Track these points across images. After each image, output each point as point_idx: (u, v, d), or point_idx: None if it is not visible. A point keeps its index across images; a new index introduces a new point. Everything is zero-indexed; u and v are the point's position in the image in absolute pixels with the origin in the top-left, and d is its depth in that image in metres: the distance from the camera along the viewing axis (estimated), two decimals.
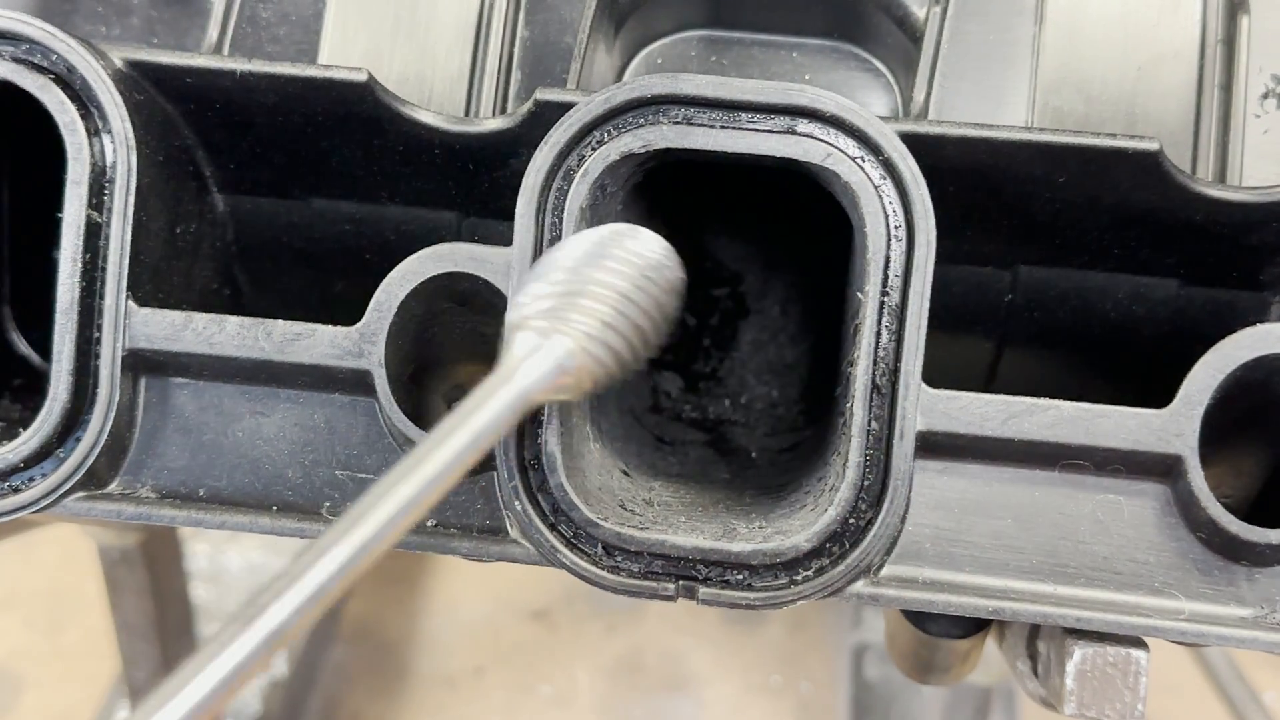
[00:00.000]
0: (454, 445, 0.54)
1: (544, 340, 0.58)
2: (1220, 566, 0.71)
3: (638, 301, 0.60)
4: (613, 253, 0.61)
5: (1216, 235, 0.77)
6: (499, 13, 0.87)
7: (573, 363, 0.58)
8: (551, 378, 0.58)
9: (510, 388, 0.57)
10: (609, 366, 0.60)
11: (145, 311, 0.73)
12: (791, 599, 0.69)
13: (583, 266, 0.60)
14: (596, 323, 0.59)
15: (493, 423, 0.56)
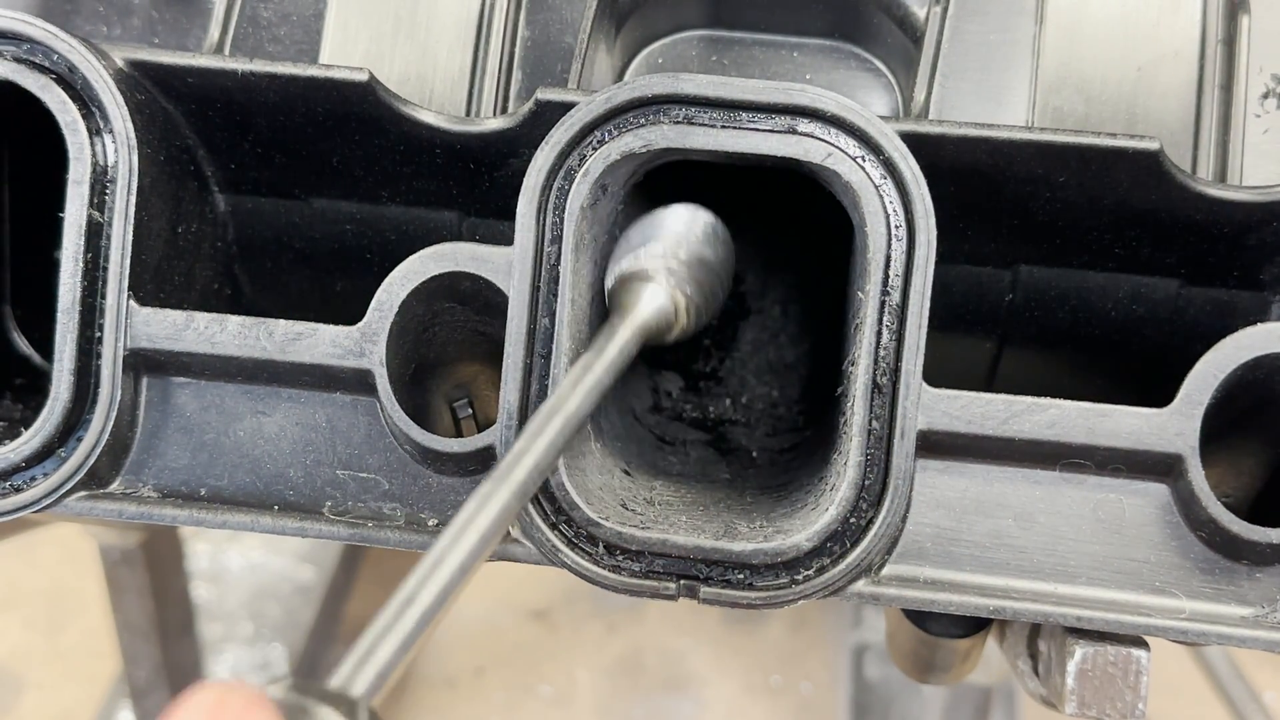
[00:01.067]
0: (600, 366, 0.64)
1: (647, 284, 0.69)
2: (1221, 566, 0.71)
3: (708, 258, 0.71)
4: (697, 223, 0.72)
5: (1217, 235, 0.77)
6: (500, 12, 0.87)
7: (671, 299, 0.69)
8: (660, 311, 0.69)
9: (633, 318, 0.68)
10: (696, 304, 0.71)
11: (146, 311, 0.73)
12: (792, 598, 0.69)
13: (674, 232, 0.71)
14: (681, 273, 0.70)
15: (624, 348, 0.66)
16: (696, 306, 0.71)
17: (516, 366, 0.70)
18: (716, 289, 0.72)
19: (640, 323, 0.68)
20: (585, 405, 0.62)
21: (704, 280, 0.71)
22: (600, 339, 0.67)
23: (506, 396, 0.70)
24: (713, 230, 0.72)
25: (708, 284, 0.71)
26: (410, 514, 0.75)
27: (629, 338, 0.67)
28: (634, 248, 0.71)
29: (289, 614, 2.23)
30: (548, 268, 0.70)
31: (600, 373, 0.64)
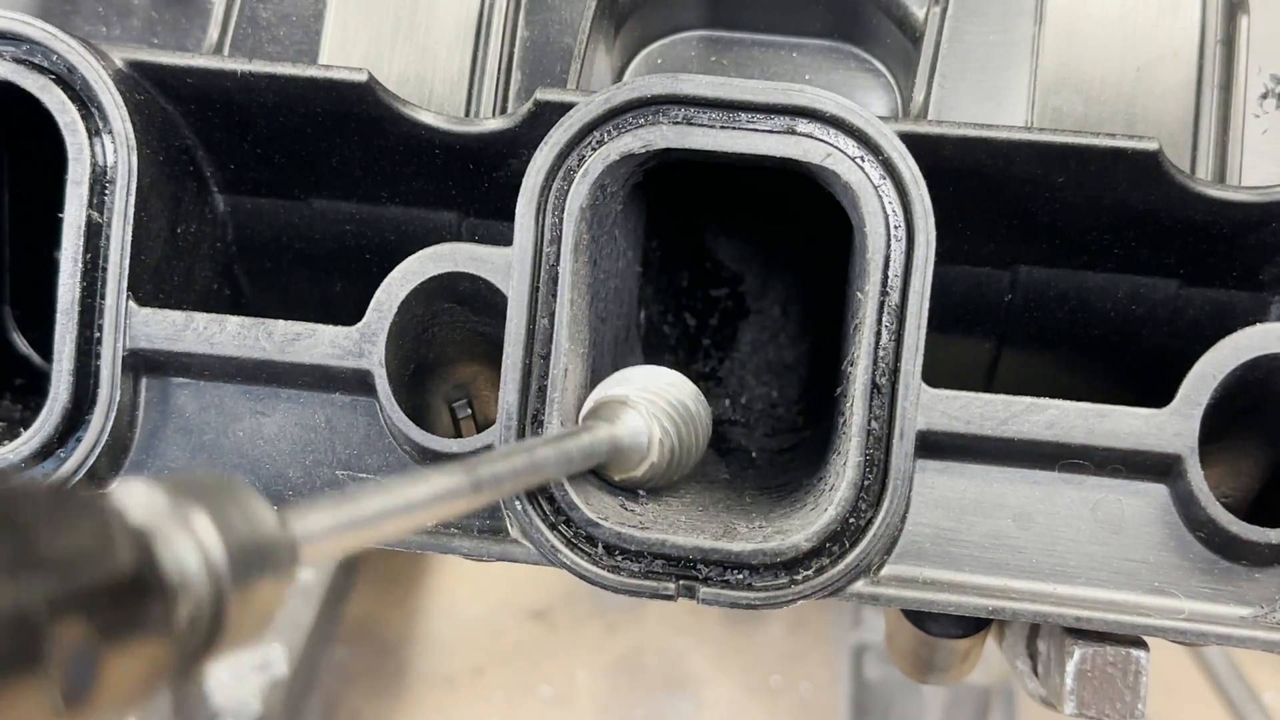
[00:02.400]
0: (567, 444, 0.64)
1: (628, 409, 0.70)
2: (1220, 566, 0.71)
3: (690, 410, 0.72)
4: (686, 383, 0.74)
5: (1216, 235, 0.77)
6: (499, 13, 0.87)
7: (649, 430, 0.70)
8: (635, 434, 0.69)
9: (611, 427, 0.68)
10: (672, 445, 0.71)
11: (146, 311, 0.73)
12: (792, 598, 0.69)
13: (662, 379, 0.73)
14: (664, 411, 0.71)
15: (595, 444, 0.66)
16: (672, 448, 0.70)
17: (516, 366, 0.70)
18: (692, 445, 0.72)
19: (615, 434, 0.68)
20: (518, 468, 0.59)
21: (683, 429, 0.71)
22: (575, 429, 0.67)
23: (506, 397, 0.70)
24: (697, 395, 0.73)
25: (686, 434, 0.71)
26: None
27: (603, 439, 0.67)
28: (620, 382, 0.71)
29: (289, 614, 2.22)
30: (547, 268, 0.70)
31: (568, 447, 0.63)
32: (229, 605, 0.37)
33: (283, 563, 0.41)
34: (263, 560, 0.39)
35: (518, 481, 0.58)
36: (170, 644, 0.36)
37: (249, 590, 0.38)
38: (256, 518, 0.40)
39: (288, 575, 0.41)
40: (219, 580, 0.37)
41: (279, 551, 0.41)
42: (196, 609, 0.37)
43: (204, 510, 0.38)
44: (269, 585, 0.40)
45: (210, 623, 0.37)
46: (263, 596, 0.39)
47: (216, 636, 0.37)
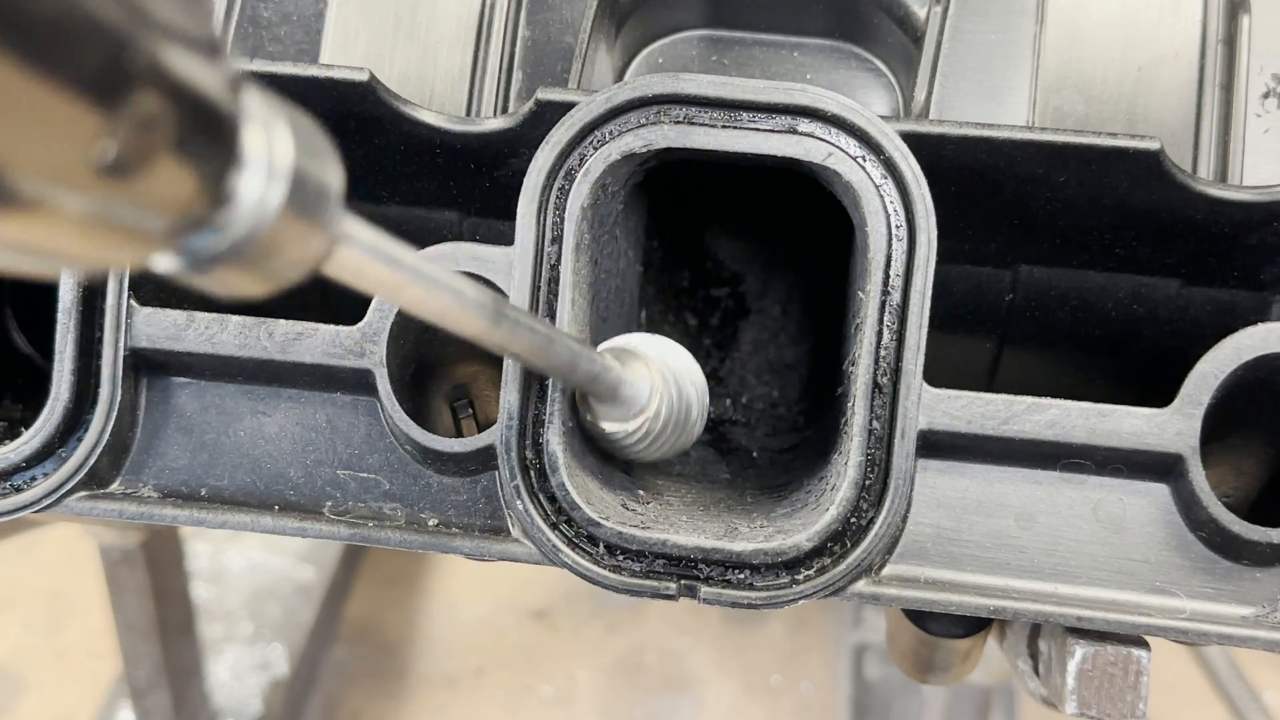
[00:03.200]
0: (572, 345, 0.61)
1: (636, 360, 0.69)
2: (1221, 565, 0.71)
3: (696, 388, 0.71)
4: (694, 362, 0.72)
5: (1217, 235, 0.77)
6: (500, 13, 0.87)
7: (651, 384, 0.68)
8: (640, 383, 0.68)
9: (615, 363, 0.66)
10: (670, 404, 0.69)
11: (147, 311, 0.73)
12: (793, 598, 0.69)
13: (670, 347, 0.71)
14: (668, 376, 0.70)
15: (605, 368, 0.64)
16: (670, 410, 0.69)
17: (517, 366, 0.70)
18: (684, 418, 0.71)
19: (621, 376, 0.66)
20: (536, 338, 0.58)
21: (679, 398, 0.70)
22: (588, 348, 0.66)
23: (507, 397, 0.70)
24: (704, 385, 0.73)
25: (680, 403, 0.70)
26: (410, 514, 0.75)
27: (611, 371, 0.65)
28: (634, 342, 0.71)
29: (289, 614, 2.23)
30: (548, 268, 0.70)
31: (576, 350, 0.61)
32: (267, 219, 0.37)
33: (325, 225, 0.40)
34: (315, 203, 0.39)
35: (531, 341, 0.56)
36: (210, 204, 0.36)
37: (291, 221, 0.38)
38: (329, 167, 0.41)
39: (320, 242, 0.40)
40: (275, 183, 0.37)
41: (329, 211, 0.40)
42: (243, 194, 0.37)
43: (294, 128, 0.39)
44: (305, 231, 0.39)
45: (241, 237, 0.37)
46: (294, 240, 0.39)
47: (247, 249, 0.37)
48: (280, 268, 0.39)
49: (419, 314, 0.49)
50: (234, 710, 2.07)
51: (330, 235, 0.41)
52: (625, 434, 0.69)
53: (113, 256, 0.35)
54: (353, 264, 0.43)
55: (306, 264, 0.40)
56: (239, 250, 0.37)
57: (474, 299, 0.50)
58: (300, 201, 0.38)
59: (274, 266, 0.39)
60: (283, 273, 0.39)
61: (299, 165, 0.38)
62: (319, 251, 0.40)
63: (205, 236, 0.36)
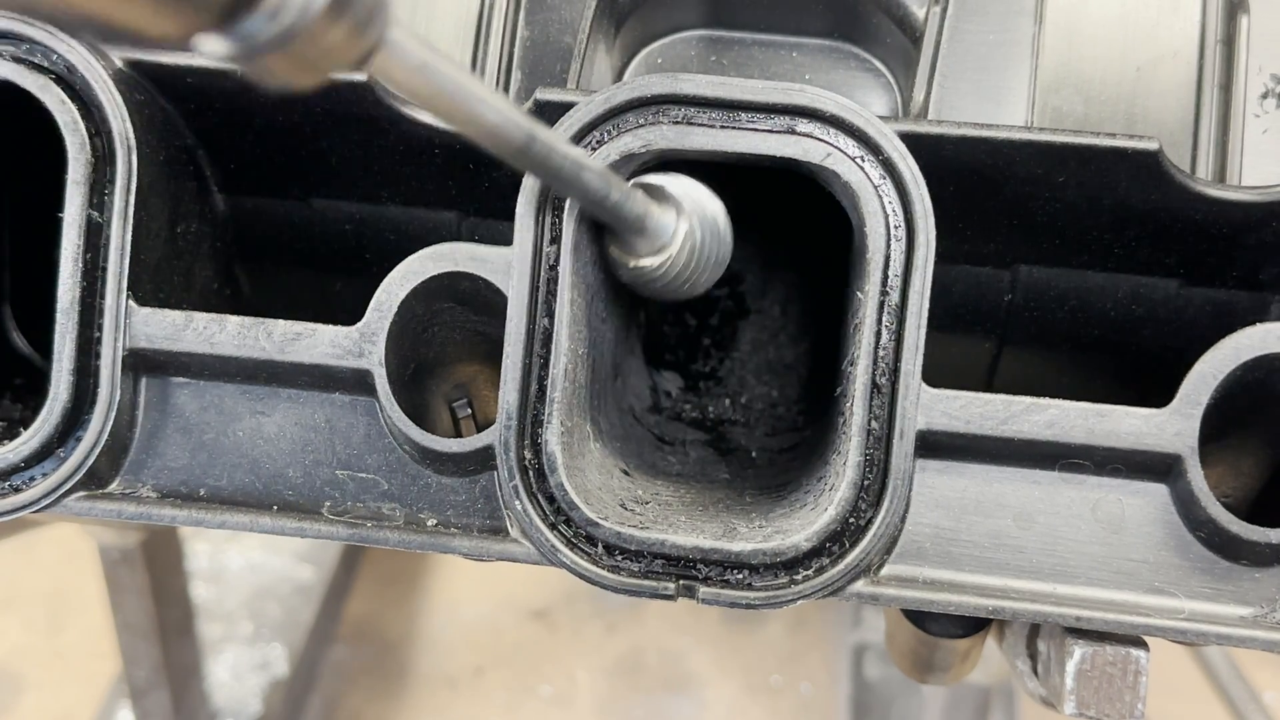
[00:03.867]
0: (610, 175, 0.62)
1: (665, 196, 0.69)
2: (1220, 566, 0.71)
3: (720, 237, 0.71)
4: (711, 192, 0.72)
5: (1216, 235, 0.77)
6: (499, 12, 0.87)
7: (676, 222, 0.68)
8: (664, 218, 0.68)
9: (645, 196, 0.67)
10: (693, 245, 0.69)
11: (146, 311, 0.73)
12: (792, 598, 0.69)
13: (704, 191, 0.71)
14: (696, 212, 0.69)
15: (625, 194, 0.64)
16: (693, 249, 0.69)
17: (516, 366, 0.70)
18: (710, 260, 0.71)
19: (649, 210, 0.66)
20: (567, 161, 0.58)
21: (708, 240, 0.70)
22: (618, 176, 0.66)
23: (506, 397, 0.70)
24: (728, 222, 0.72)
25: (709, 246, 0.70)
26: (409, 514, 0.75)
27: (638, 203, 0.65)
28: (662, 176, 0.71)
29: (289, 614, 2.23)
30: (547, 268, 0.70)
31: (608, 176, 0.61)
32: (317, 13, 0.37)
33: (372, 24, 0.40)
34: (359, 6, 0.39)
35: (562, 165, 0.57)
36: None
37: (333, 21, 0.38)
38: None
39: (366, 41, 0.40)
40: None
41: (377, 11, 0.40)
42: None
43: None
44: (348, 30, 0.39)
45: (290, 23, 0.37)
46: (337, 35, 0.39)
47: (296, 36, 0.37)
48: (326, 59, 0.39)
49: (456, 125, 0.50)
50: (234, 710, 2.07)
51: (375, 34, 0.41)
52: (649, 269, 0.69)
53: (171, 26, 0.35)
54: (397, 66, 0.44)
55: (351, 58, 0.40)
56: (288, 37, 0.37)
57: (510, 118, 0.51)
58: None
59: (320, 57, 0.39)
60: (328, 64, 0.40)
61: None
62: (364, 48, 0.41)
63: (257, 20, 0.37)
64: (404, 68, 0.44)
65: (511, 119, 0.51)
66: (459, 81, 0.47)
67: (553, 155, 0.55)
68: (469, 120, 0.49)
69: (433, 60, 0.46)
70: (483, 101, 0.49)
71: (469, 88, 0.48)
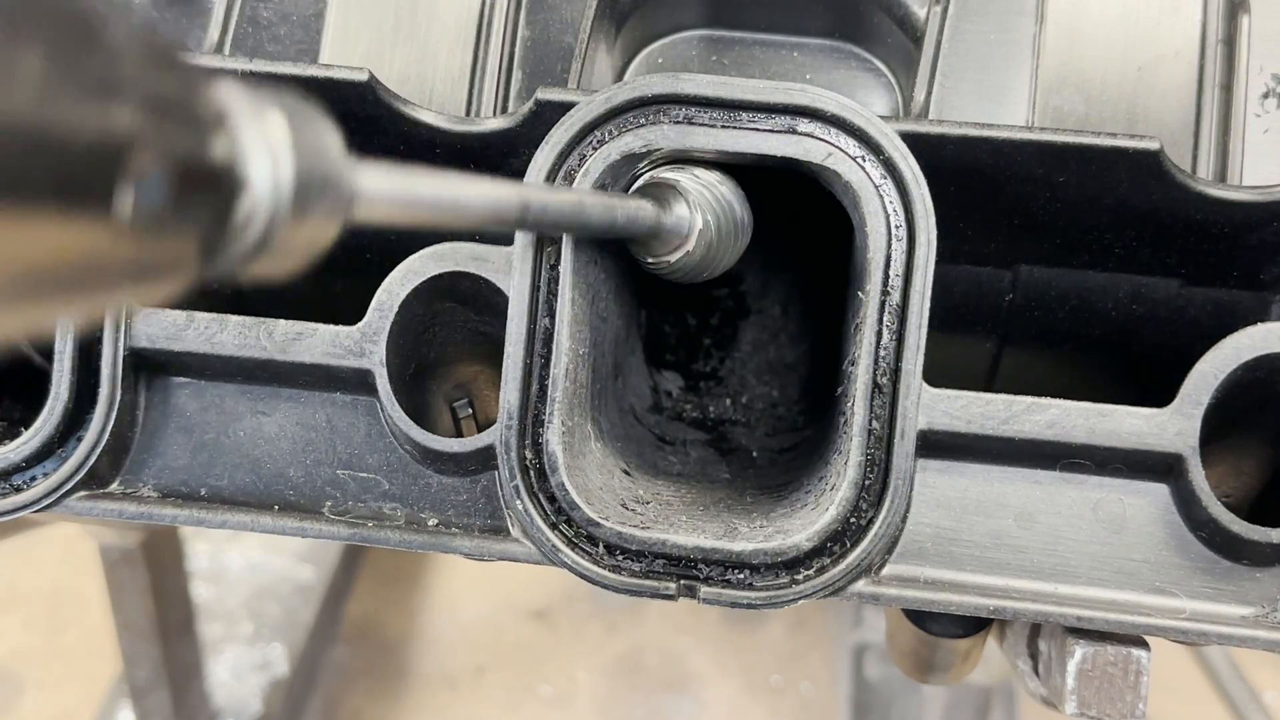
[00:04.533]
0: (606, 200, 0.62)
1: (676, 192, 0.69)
2: (1221, 565, 0.71)
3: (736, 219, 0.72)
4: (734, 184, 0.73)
5: (1217, 235, 0.77)
6: (500, 12, 0.87)
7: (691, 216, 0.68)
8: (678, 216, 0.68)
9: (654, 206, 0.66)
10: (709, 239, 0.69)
11: (146, 311, 0.73)
12: (793, 598, 0.69)
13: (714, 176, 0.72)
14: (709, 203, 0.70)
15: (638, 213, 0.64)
16: (709, 242, 0.70)
17: (516, 366, 0.70)
18: (730, 243, 0.72)
19: (660, 215, 0.66)
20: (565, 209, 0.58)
21: (725, 225, 0.70)
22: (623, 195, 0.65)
23: (506, 396, 0.70)
24: (744, 198, 0.73)
25: (726, 230, 0.71)
26: (410, 514, 0.75)
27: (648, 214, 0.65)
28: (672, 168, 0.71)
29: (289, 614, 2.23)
30: (548, 267, 0.70)
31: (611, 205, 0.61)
32: (282, 224, 0.37)
33: (339, 202, 0.40)
34: (323, 190, 0.39)
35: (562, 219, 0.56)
36: (221, 231, 0.36)
37: (303, 215, 0.38)
38: (328, 146, 0.40)
39: (338, 216, 0.40)
40: (281, 193, 0.37)
41: (340, 189, 0.40)
42: (253, 212, 0.36)
43: (285, 122, 0.38)
44: (319, 219, 0.39)
45: (262, 234, 0.37)
46: (310, 228, 0.38)
47: (263, 247, 0.37)
48: (309, 242, 0.39)
49: (447, 226, 0.49)
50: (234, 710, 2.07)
51: (345, 199, 0.40)
52: (668, 264, 0.70)
53: (161, 292, 0.36)
54: (377, 208, 0.43)
55: (332, 232, 0.40)
56: (266, 243, 0.37)
57: (498, 202, 0.51)
58: (309, 181, 0.38)
59: (303, 243, 0.39)
60: (313, 245, 0.40)
61: (299, 167, 0.38)
62: (340, 217, 0.40)
63: (232, 243, 0.37)
64: (384, 206, 0.44)
65: (499, 198, 0.51)
66: (439, 191, 0.47)
67: (549, 210, 0.55)
68: (459, 218, 0.49)
69: (407, 186, 0.45)
70: (466, 197, 0.49)
71: (450, 191, 0.47)
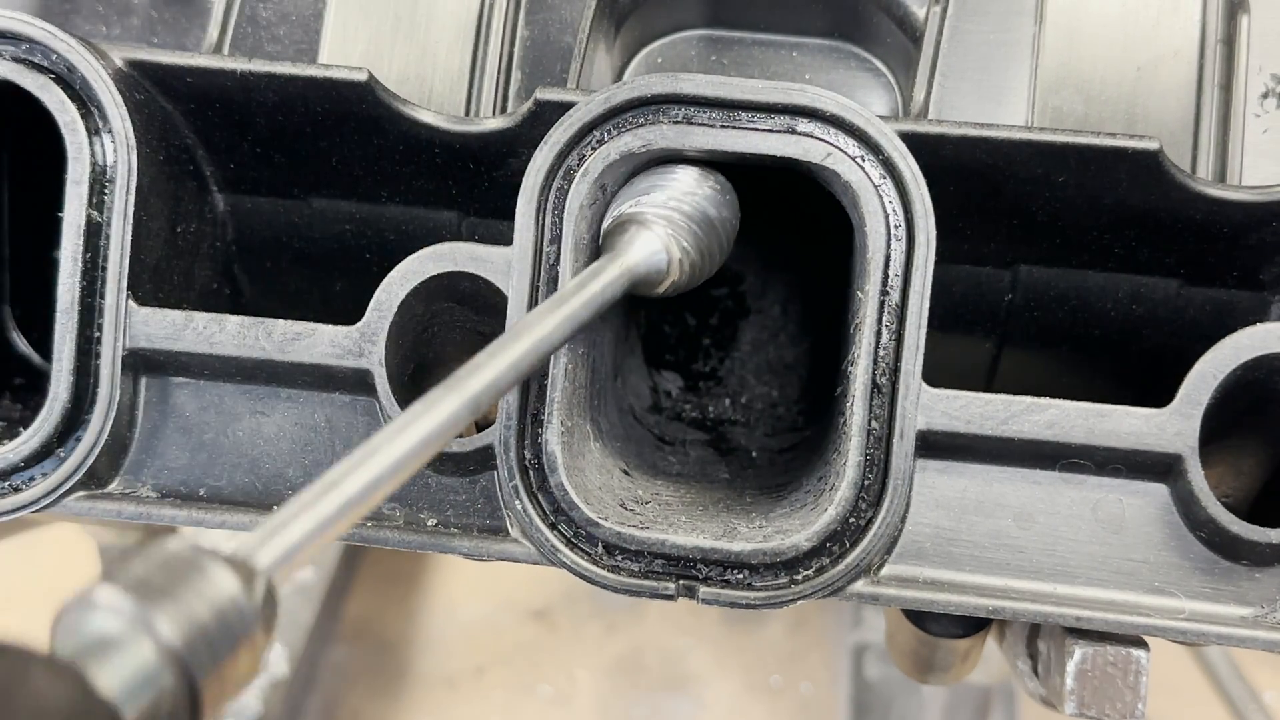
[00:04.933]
0: (578, 300, 0.61)
1: (643, 230, 0.68)
2: (1220, 566, 0.71)
3: (710, 216, 0.70)
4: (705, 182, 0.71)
5: (1216, 235, 0.77)
6: (499, 12, 0.87)
7: (666, 250, 0.68)
8: (652, 258, 0.67)
9: (623, 259, 0.66)
10: (693, 260, 0.69)
11: (145, 311, 0.73)
12: (792, 598, 0.69)
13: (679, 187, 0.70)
14: (681, 225, 0.69)
15: (608, 286, 0.63)
16: (693, 263, 0.69)
17: None
18: (715, 250, 0.71)
19: (629, 265, 0.66)
20: (554, 334, 0.59)
21: (704, 237, 0.70)
22: (584, 274, 0.64)
23: (505, 396, 0.70)
24: (719, 192, 0.71)
25: (707, 242, 0.70)
26: (409, 514, 0.75)
27: (614, 277, 0.64)
28: (636, 194, 0.70)
29: (289, 614, 2.22)
30: (547, 268, 0.70)
31: (576, 305, 0.61)
32: (200, 693, 0.37)
33: (252, 628, 0.40)
34: (231, 636, 0.39)
35: (520, 373, 0.56)
36: None
37: (220, 669, 0.38)
38: (217, 594, 0.39)
39: (262, 638, 0.40)
40: (184, 675, 0.37)
41: (246, 619, 0.40)
42: (154, 710, 0.37)
43: (163, 609, 0.38)
44: (243, 654, 0.39)
45: (180, 713, 0.37)
46: (238, 666, 0.39)
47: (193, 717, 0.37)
48: (240, 676, 0.40)
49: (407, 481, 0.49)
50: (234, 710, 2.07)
51: (263, 620, 0.41)
52: (661, 294, 0.70)
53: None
54: (300, 561, 0.44)
55: (259, 654, 0.41)
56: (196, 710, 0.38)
57: (440, 427, 0.50)
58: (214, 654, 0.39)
59: (234, 683, 0.40)
60: (247, 674, 0.40)
61: (189, 643, 0.39)
62: (262, 636, 0.41)
63: None
64: (311, 550, 0.45)
65: (440, 424, 0.50)
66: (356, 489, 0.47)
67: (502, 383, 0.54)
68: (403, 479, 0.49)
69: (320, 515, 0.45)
70: (393, 464, 0.48)
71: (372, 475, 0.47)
